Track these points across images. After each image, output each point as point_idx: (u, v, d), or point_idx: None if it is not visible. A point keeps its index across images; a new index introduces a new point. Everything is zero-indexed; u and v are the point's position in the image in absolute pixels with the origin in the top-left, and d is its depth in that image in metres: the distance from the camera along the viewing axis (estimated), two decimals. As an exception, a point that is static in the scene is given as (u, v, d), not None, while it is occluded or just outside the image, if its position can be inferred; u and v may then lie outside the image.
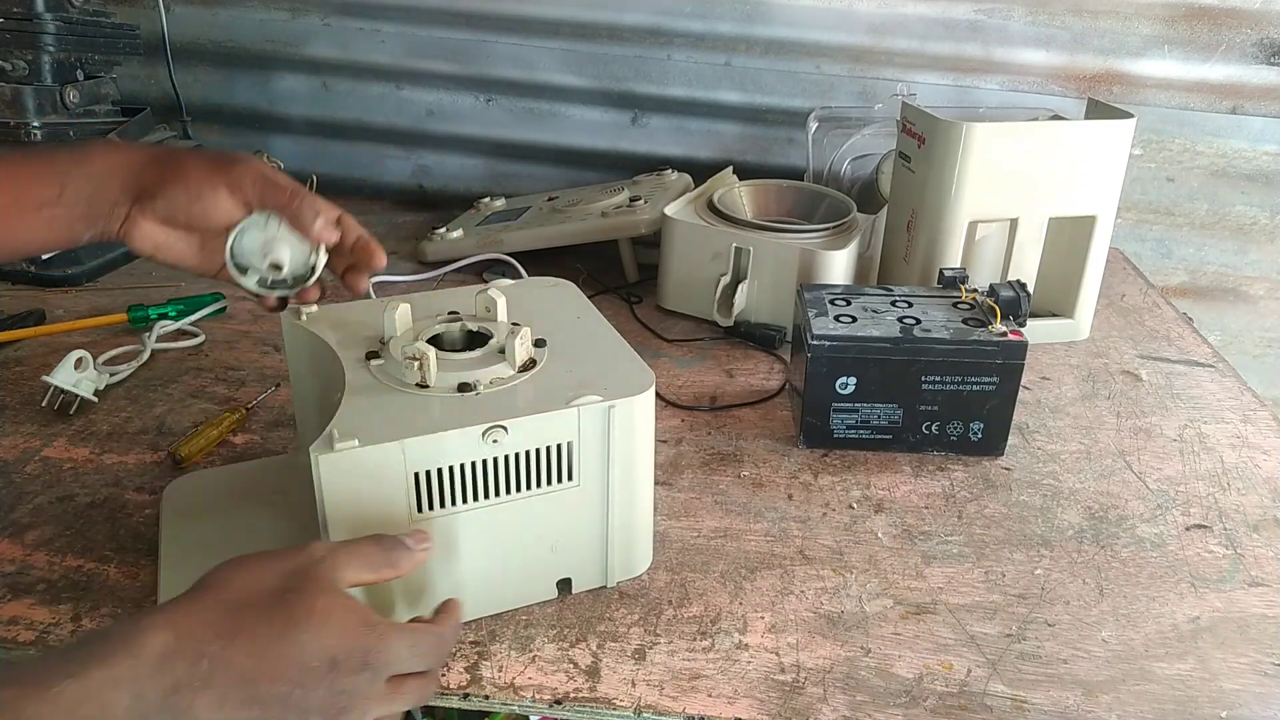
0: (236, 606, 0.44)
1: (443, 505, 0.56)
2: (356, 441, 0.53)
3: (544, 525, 0.60)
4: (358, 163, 1.42)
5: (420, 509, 0.55)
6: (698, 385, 0.91)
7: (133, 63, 1.31)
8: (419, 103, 1.38)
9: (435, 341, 0.64)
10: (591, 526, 0.61)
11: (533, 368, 0.61)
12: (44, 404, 0.81)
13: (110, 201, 0.57)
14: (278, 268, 0.61)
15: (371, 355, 0.62)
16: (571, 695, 0.55)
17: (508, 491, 0.58)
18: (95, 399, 0.82)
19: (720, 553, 0.68)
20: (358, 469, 0.53)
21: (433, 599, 0.56)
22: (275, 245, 0.60)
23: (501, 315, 0.65)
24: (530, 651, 0.58)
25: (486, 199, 1.31)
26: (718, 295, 0.99)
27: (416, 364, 0.58)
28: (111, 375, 0.86)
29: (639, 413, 0.59)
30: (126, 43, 1.22)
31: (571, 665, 0.57)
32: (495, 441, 0.55)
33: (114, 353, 0.90)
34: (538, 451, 0.57)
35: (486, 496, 0.57)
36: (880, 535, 0.70)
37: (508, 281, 0.74)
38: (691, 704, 0.55)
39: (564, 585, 0.62)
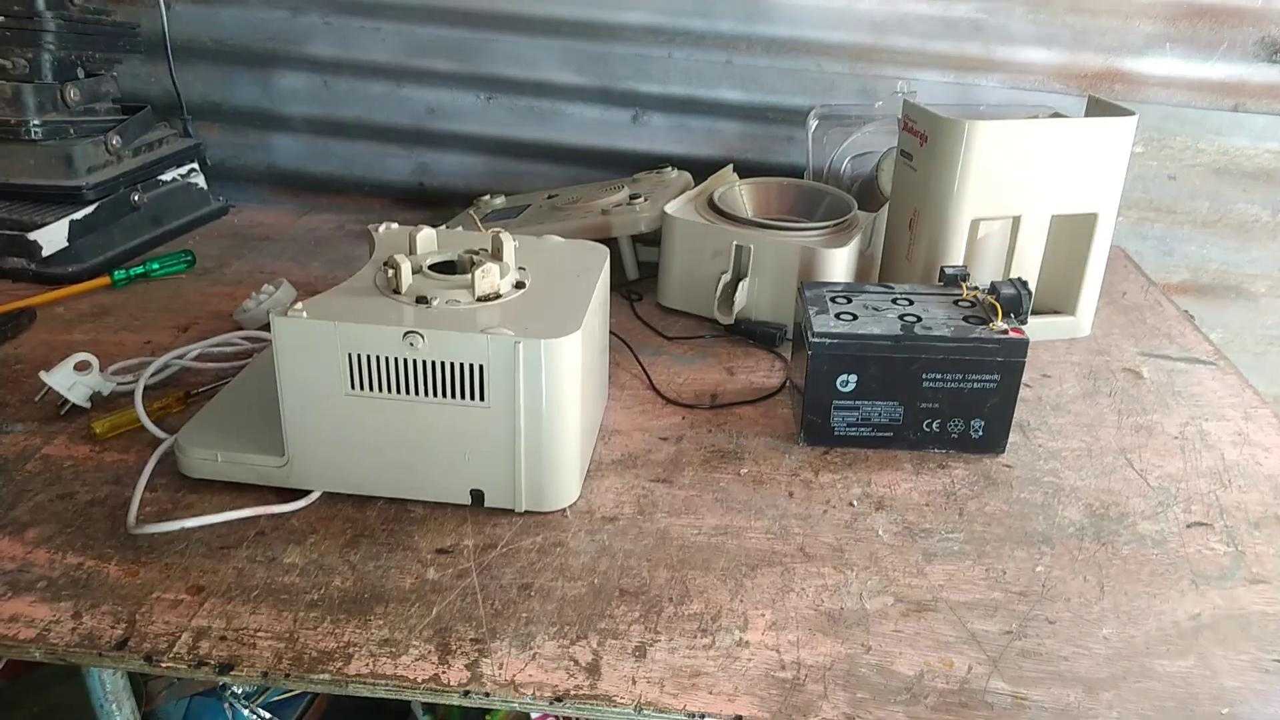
0: None
1: (371, 389, 0.66)
2: (305, 314, 0.65)
3: (457, 433, 0.68)
4: (358, 161, 1.42)
5: (352, 386, 0.66)
6: (698, 383, 0.91)
7: (133, 61, 1.30)
8: (419, 101, 1.38)
9: (446, 266, 0.75)
10: (500, 447, 0.68)
11: (494, 299, 0.70)
12: (37, 400, 0.81)
13: None
14: None
15: (387, 265, 0.71)
16: (572, 692, 0.55)
17: (427, 394, 0.66)
18: (89, 405, 0.80)
19: (721, 550, 0.68)
20: (304, 337, 0.65)
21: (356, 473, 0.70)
22: None
23: (508, 257, 0.74)
24: (530, 649, 0.58)
25: (487, 196, 1.31)
26: (718, 293, 0.99)
27: (391, 272, 0.69)
28: (119, 384, 0.83)
29: (554, 355, 0.65)
30: (127, 41, 1.22)
31: (572, 662, 0.57)
32: (412, 345, 0.64)
33: (126, 363, 0.86)
34: (451, 365, 0.65)
35: (406, 392, 0.66)
36: (881, 533, 0.70)
37: (558, 239, 0.83)
38: (692, 701, 0.55)
39: (477, 496, 0.70)
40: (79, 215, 1.09)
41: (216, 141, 1.40)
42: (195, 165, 1.29)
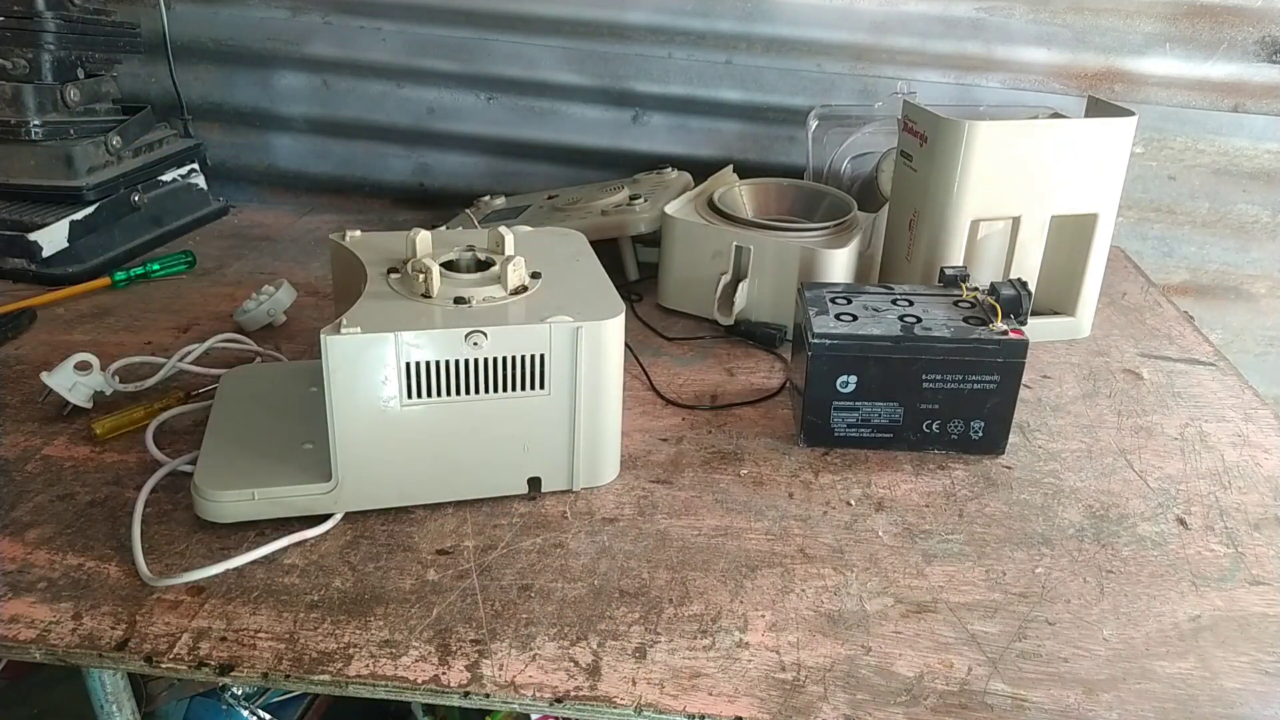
0: None
1: (429, 395, 0.65)
2: (359, 329, 0.63)
3: (517, 426, 0.69)
4: (358, 161, 1.42)
5: (409, 395, 0.65)
6: (698, 384, 0.91)
7: (133, 61, 1.31)
8: (420, 101, 1.38)
9: (450, 266, 0.74)
10: (559, 432, 0.70)
11: (524, 292, 0.71)
12: (40, 401, 0.81)
13: None
14: None
15: (392, 271, 0.72)
16: (572, 693, 0.55)
17: (486, 391, 0.67)
18: (89, 405, 0.80)
19: (721, 551, 0.68)
20: (358, 353, 0.63)
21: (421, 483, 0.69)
22: None
23: (509, 250, 0.75)
24: (531, 650, 0.58)
25: (487, 197, 1.30)
26: (718, 294, 0.99)
27: (422, 276, 0.69)
28: (121, 383, 0.83)
29: (606, 336, 0.68)
30: (127, 41, 1.22)
31: (572, 663, 0.57)
32: (476, 344, 0.65)
33: (126, 362, 0.85)
34: (513, 359, 0.66)
35: (467, 392, 0.66)
36: (881, 534, 0.70)
37: (525, 229, 0.84)
38: (692, 702, 0.55)
39: (534, 483, 0.71)
40: (79, 216, 1.09)
41: (216, 141, 1.40)
42: (195, 165, 1.29)
